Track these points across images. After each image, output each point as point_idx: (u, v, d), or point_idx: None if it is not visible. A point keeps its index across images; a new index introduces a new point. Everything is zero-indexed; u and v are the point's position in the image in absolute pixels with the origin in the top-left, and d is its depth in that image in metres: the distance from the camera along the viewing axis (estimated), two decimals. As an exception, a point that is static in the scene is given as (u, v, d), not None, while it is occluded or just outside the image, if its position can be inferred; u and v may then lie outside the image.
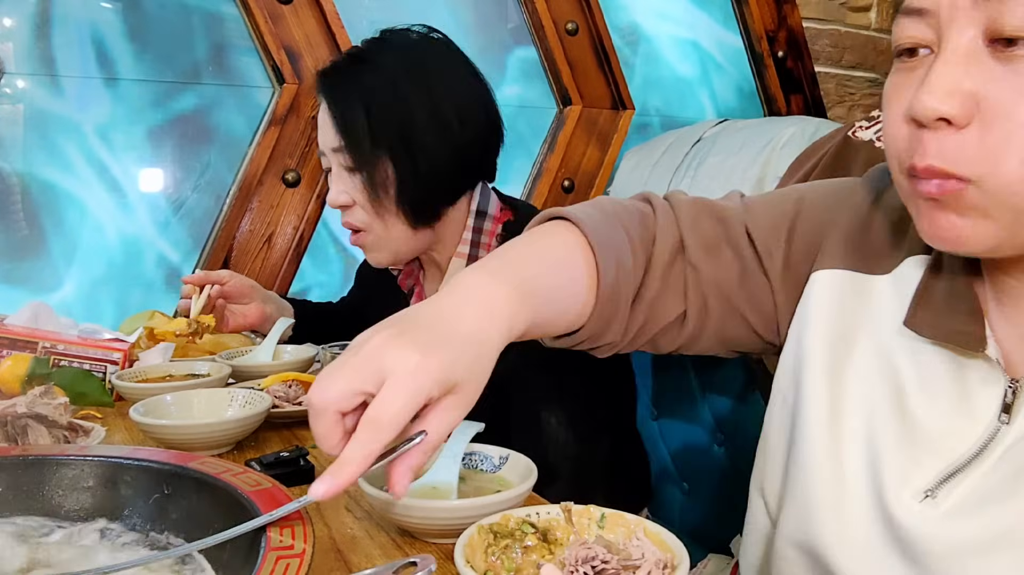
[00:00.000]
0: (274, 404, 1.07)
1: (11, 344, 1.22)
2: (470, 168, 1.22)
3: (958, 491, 0.60)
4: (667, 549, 0.60)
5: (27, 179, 1.74)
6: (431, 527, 0.71)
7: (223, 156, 1.92)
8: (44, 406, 0.92)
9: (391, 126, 1.15)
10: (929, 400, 0.63)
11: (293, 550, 0.53)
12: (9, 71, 1.69)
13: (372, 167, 1.17)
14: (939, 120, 0.53)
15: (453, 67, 1.20)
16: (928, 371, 0.64)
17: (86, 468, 0.69)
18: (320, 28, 1.91)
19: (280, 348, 1.39)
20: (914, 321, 0.64)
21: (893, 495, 0.62)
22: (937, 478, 0.61)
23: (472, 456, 0.82)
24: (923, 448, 0.62)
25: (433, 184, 1.18)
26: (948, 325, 0.62)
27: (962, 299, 0.63)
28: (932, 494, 0.61)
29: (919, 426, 0.63)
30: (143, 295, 1.87)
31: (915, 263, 0.68)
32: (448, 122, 1.16)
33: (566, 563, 0.58)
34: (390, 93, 1.16)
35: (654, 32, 2.45)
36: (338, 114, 1.19)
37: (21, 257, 1.76)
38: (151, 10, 1.83)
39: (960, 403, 0.62)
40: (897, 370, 0.66)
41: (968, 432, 0.61)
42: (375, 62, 1.19)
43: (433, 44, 1.22)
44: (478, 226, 1.23)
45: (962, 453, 0.61)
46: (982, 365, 0.61)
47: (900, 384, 0.65)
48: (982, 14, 0.52)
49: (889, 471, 0.63)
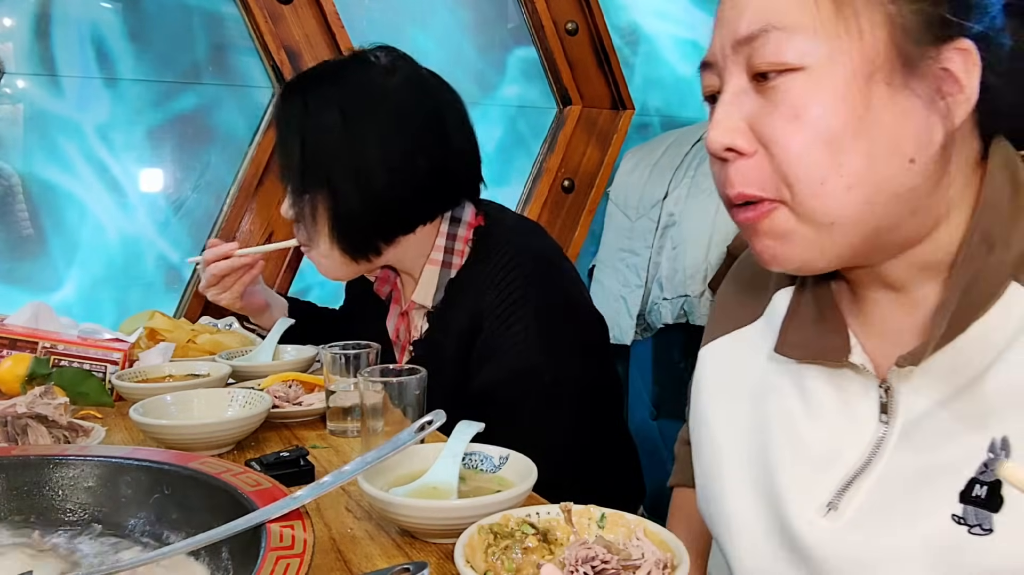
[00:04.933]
0: (274, 404, 1.07)
1: (11, 344, 1.22)
2: (421, 202, 1.18)
3: (858, 499, 0.63)
4: (667, 549, 0.60)
5: (27, 179, 1.75)
6: (431, 527, 0.71)
7: (223, 156, 1.92)
8: (44, 406, 0.92)
9: (321, 166, 1.15)
10: (817, 418, 0.67)
11: (293, 550, 0.53)
12: (9, 71, 1.69)
13: (306, 196, 1.17)
14: (728, 151, 0.61)
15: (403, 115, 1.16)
16: (809, 388, 0.68)
17: (86, 468, 0.69)
18: (320, 28, 1.91)
19: (280, 348, 1.39)
20: (783, 347, 0.69)
21: (795, 514, 0.65)
22: (836, 489, 0.64)
23: (472, 456, 0.82)
24: (819, 464, 0.65)
25: (363, 228, 1.17)
26: (813, 344, 0.67)
27: (827, 316, 0.68)
28: (834, 506, 0.64)
29: (812, 444, 0.66)
30: (143, 295, 1.87)
31: (783, 295, 0.73)
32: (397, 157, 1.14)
33: (566, 563, 0.58)
34: (323, 135, 1.14)
35: (654, 32, 2.45)
36: (280, 134, 1.21)
37: (21, 257, 1.76)
38: (151, 10, 1.83)
39: (844, 414, 0.66)
40: (782, 398, 0.70)
41: (856, 439, 0.64)
42: (321, 96, 1.16)
43: (388, 80, 1.17)
44: (452, 233, 1.21)
45: (855, 461, 0.64)
46: (854, 374, 0.65)
47: (787, 410, 0.69)
48: (741, 57, 0.60)
49: (788, 492, 0.66)
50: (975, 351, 0.58)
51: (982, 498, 0.57)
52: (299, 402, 1.13)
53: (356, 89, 1.16)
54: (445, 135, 1.18)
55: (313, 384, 1.18)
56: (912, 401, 0.61)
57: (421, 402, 0.93)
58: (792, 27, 0.57)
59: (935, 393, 0.60)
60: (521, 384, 1.11)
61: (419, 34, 2.18)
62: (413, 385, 0.92)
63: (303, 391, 1.16)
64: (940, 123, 0.57)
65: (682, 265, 1.73)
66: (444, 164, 1.18)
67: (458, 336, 1.15)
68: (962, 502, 0.57)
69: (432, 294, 1.20)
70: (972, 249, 0.59)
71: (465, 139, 1.22)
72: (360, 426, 0.97)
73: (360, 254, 1.19)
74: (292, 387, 1.15)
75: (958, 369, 0.59)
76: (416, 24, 2.17)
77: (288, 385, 1.16)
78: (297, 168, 1.16)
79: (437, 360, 1.15)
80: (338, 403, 1.05)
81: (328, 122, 1.14)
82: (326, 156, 1.14)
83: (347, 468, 0.66)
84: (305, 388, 1.17)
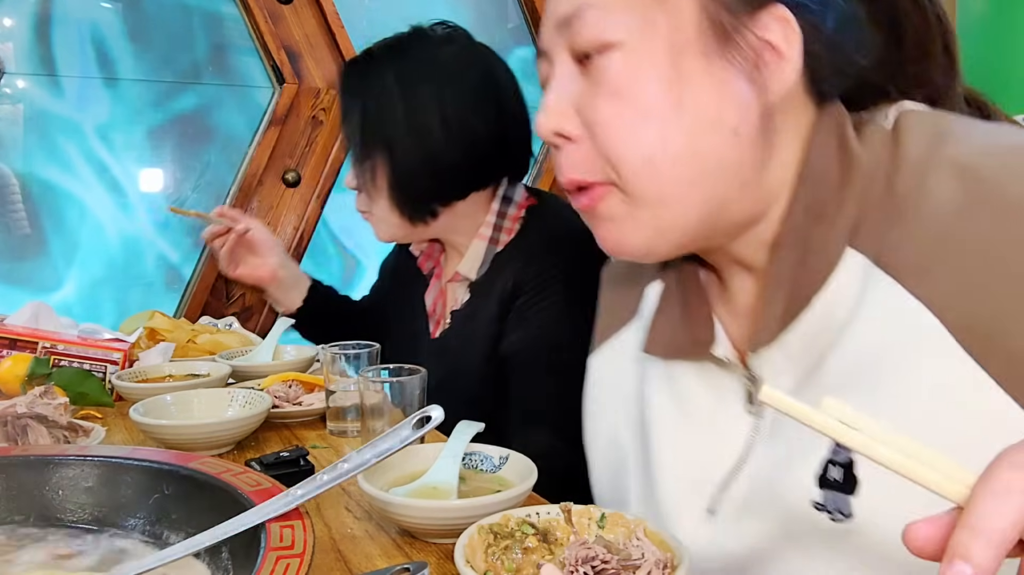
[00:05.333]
0: (274, 404, 1.07)
1: (11, 344, 1.22)
2: (475, 169, 1.23)
3: (735, 499, 0.61)
4: (667, 549, 0.60)
5: (27, 179, 1.75)
6: (431, 527, 0.71)
7: (223, 156, 1.92)
8: (44, 406, 0.92)
9: (380, 129, 1.21)
10: (691, 418, 0.65)
11: (293, 550, 0.53)
12: (9, 71, 1.69)
13: (367, 162, 1.23)
14: (558, 137, 0.60)
15: (459, 81, 1.21)
16: (683, 390, 0.66)
17: (86, 468, 0.69)
18: (320, 28, 1.91)
19: (280, 348, 1.39)
20: (650, 345, 0.68)
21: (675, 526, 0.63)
22: (714, 492, 0.62)
23: (472, 456, 0.82)
24: (697, 468, 0.64)
25: (428, 185, 1.22)
26: (678, 338, 0.65)
27: (692, 305, 0.66)
28: (712, 511, 0.62)
29: (689, 448, 0.65)
30: (143, 295, 1.87)
31: (654, 288, 0.71)
32: (454, 124, 1.19)
33: (566, 563, 0.58)
34: (380, 97, 1.21)
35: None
36: (344, 105, 1.27)
37: (21, 257, 1.76)
38: (151, 10, 1.83)
39: (717, 409, 0.64)
40: (657, 402, 0.68)
41: (730, 436, 0.62)
42: (380, 64, 1.23)
43: (452, 47, 1.24)
44: (502, 211, 1.26)
45: (731, 458, 0.62)
46: (720, 367, 0.63)
47: (663, 414, 0.67)
48: (565, 40, 0.59)
49: (668, 505, 0.64)
50: (822, 325, 0.56)
51: (839, 481, 0.54)
52: (299, 402, 1.13)
53: (413, 56, 1.23)
54: (499, 101, 1.23)
55: (313, 384, 1.18)
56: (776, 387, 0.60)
57: (421, 402, 0.93)
58: (606, 4, 0.57)
59: (794, 373, 0.59)
60: (540, 354, 1.15)
61: (419, 34, 2.18)
62: (413, 385, 0.92)
63: (303, 391, 1.16)
64: (761, 94, 0.56)
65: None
66: (498, 129, 1.23)
67: (499, 300, 1.20)
68: (820, 487, 0.55)
69: (477, 267, 1.25)
70: (797, 222, 0.58)
71: (518, 107, 1.27)
72: (360, 426, 0.97)
73: (417, 216, 1.23)
74: (292, 387, 1.15)
75: (809, 346, 0.57)
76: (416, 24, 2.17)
77: (288, 385, 1.16)
78: (359, 134, 1.22)
79: (472, 327, 1.22)
80: (338, 403, 1.05)
81: (386, 85, 1.20)
82: (385, 118, 1.20)
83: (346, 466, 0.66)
84: (305, 388, 1.17)
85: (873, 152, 0.58)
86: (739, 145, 0.57)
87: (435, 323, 1.33)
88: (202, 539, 0.58)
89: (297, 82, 1.89)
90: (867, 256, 0.55)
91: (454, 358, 1.25)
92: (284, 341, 1.41)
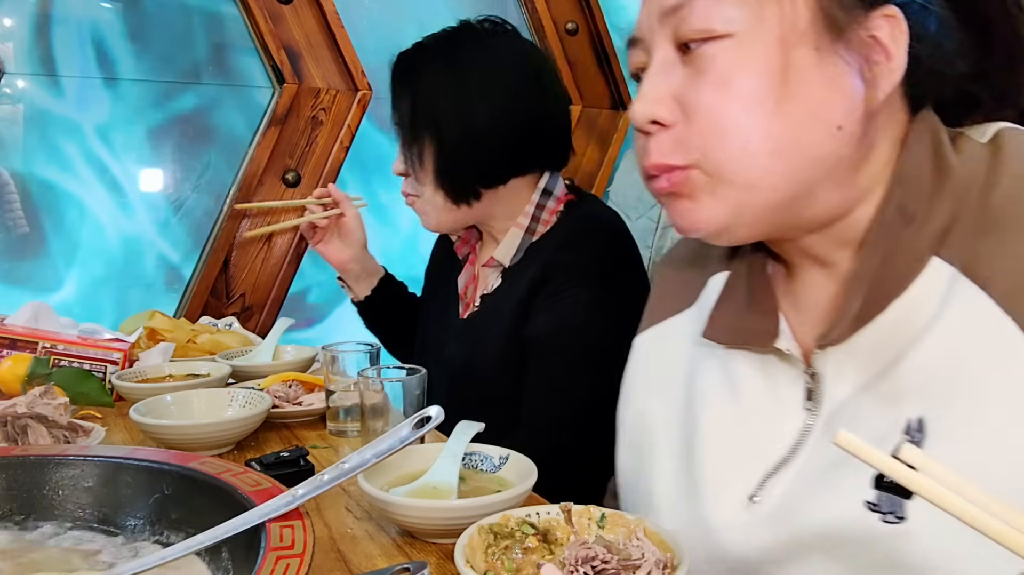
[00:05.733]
0: (274, 404, 1.07)
1: (11, 344, 1.22)
2: (516, 153, 1.28)
3: (777, 491, 0.61)
4: (667, 549, 0.60)
5: (27, 179, 1.74)
6: (431, 527, 0.71)
7: (223, 156, 1.92)
8: (44, 406, 0.92)
9: (428, 112, 1.26)
10: (743, 406, 0.66)
11: (293, 550, 0.53)
12: (9, 71, 1.69)
13: (415, 145, 1.28)
14: (652, 124, 0.61)
15: (516, 60, 1.28)
16: (737, 375, 0.67)
17: (86, 468, 0.69)
18: (320, 28, 1.91)
19: (280, 348, 1.39)
20: (711, 332, 0.68)
21: (713, 509, 0.64)
22: (758, 481, 0.63)
23: (472, 456, 0.82)
24: (743, 456, 0.64)
25: (472, 166, 1.26)
26: (741, 328, 0.66)
27: (758, 298, 0.67)
28: (753, 499, 0.62)
29: (737, 435, 0.65)
30: (143, 295, 1.87)
31: (718, 279, 0.72)
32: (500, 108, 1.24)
33: (566, 563, 0.58)
34: (427, 81, 1.26)
35: (654, 32, 2.45)
36: (394, 92, 1.31)
37: (21, 257, 1.76)
38: (151, 10, 1.83)
39: (772, 401, 0.64)
40: (709, 386, 0.68)
41: (781, 429, 0.63)
42: (431, 54, 1.29)
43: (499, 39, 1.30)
44: (541, 203, 1.30)
45: (779, 451, 0.62)
46: (781, 360, 0.64)
47: (714, 399, 0.68)
48: (668, 29, 0.60)
49: (709, 487, 0.65)
50: (897, 330, 0.56)
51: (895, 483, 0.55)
52: (299, 402, 1.13)
53: (462, 44, 1.29)
54: (542, 91, 1.29)
55: (313, 384, 1.18)
56: (837, 386, 0.60)
57: (421, 402, 0.93)
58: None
59: (858, 376, 0.59)
60: (562, 338, 1.18)
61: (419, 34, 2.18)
62: (413, 385, 0.92)
63: (303, 391, 1.16)
64: (867, 92, 0.57)
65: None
66: (540, 114, 1.28)
67: (528, 285, 1.23)
68: (876, 488, 0.55)
69: (512, 254, 1.29)
70: (886, 223, 0.58)
71: (561, 97, 1.34)
72: (360, 426, 0.97)
73: (460, 197, 1.28)
74: (292, 387, 1.15)
75: (881, 349, 0.57)
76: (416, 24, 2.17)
77: (288, 385, 1.16)
78: (408, 119, 1.27)
79: (500, 309, 1.25)
80: (338, 403, 1.05)
81: (436, 70, 1.26)
82: (434, 101, 1.25)
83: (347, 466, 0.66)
84: (305, 388, 1.17)
85: (968, 163, 0.58)
86: (839, 141, 0.57)
87: (464, 305, 1.37)
88: (202, 539, 0.58)
89: (297, 82, 1.89)
90: (954, 265, 0.56)
91: (479, 338, 1.28)
92: (284, 341, 1.42)
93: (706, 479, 0.66)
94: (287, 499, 0.59)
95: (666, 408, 0.72)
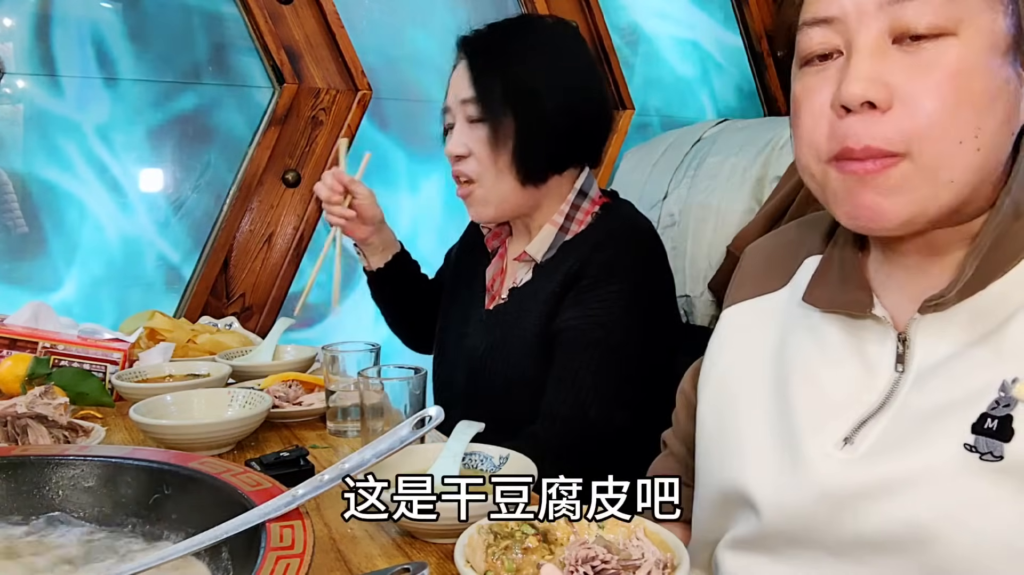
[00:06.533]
0: (274, 404, 1.07)
1: (11, 344, 1.22)
2: (582, 143, 1.31)
3: (872, 435, 0.66)
4: (667, 549, 0.60)
5: (27, 179, 1.74)
6: (431, 527, 0.71)
7: (223, 156, 1.92)
8: (44, 406, 0.92)
9: (522, 86, 1.26)
10: (833, 363, 0.72)
11: (293, 550, 0.53)
12: (9, 71, 1.69)
13: (496, 120, 1.26)
14: (864, 105, 0.62)
15: (580, 52, 1.33)
16: (828, 339, 0.73)
17: (86, 468, 0.69)
18: (320, 28, 1.91)
19: (280, 348, 1.39)
20: (811, 297, 0.74)
21: (810, 447, 0.69)
22: (852, 426, 0.68)
23: (472, 456, 0.82)
24: (837, 404, 0.70)
25: (548, 146, 1.28)
26: (838, 296, 0.72)
27: (851, 276, 0.73)
28: (850, 440, 0.67)
29: (829, 388, 0.71)
30: (143, 295, 1.87)
31: (812, 262, 0.79)
32: (571, 95, 1.27)
33: (566, 563, 0.58)
34: (526, 60, 1.27)
35: (654, 32, 2.45)
36: (476, 67, 1.29)
37: (21, 257, 1.76)
38: (151, 10, 1.83)
39: (860, 361, 0.70)
40: (800, 346, 0.75)
41: (872, 385, 0.68)
42: (516, 34, 1.31)
43: (567, 31, 1.34)
44: (577, 203, 1.32)
45: (871, 403, 0.68)
46: (873, 325, 0.70)
47: (805, 357, 0.74)
48: (887, 16, 0.63)
49: (805, 430, 0.70)
50: (994, 306, 0.62)
51: (993, 429, 0.60)
52: (299, 402, 1.13)
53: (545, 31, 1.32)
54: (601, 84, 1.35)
55: (313, 384, 1.18)
56: (927, 351, 0.66)
57: (421, 402, 0.93)
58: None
59: (948, 346, 0.65)
60: (590, 334, 1.19)
61: (419, 34, 2.18)
62: (413, 385, 0.92)
63: (303, 391, 1.16)
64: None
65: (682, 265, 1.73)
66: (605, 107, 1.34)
67: (562, 280, 1.24)
68: (974, 433, 0.60)
69: (544, 250, 1.30)
70: (1001, 214, 0.64)
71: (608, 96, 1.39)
72: (360, 426, 0.97)
73: (531, 180, 1.28)
74: (292, 387, 1.16)
75: (975, 322, 0.63)
76: (416, 24, 2.17)
77: (288, 385, 1.16)
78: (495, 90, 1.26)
79: (530, 303, 1.26)
80: (338, 403, 1.05)
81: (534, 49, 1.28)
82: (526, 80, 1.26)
83: (347, 466, 0.66)
84: (305, 388, 1.17)
85: None
86: (1008, 147, 0.64)
87: (491, 297, 1.38)
88: (202, 539, 0.58)
89: (297, 82, 1.88)
90: None
91: (505, 331, 1.29)
92: (284, 341, 1.42)
93: (801, 424, 0.70)
94: (287, 499, 0.59)
95: (755, 375, 0.78)
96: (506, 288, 1.35)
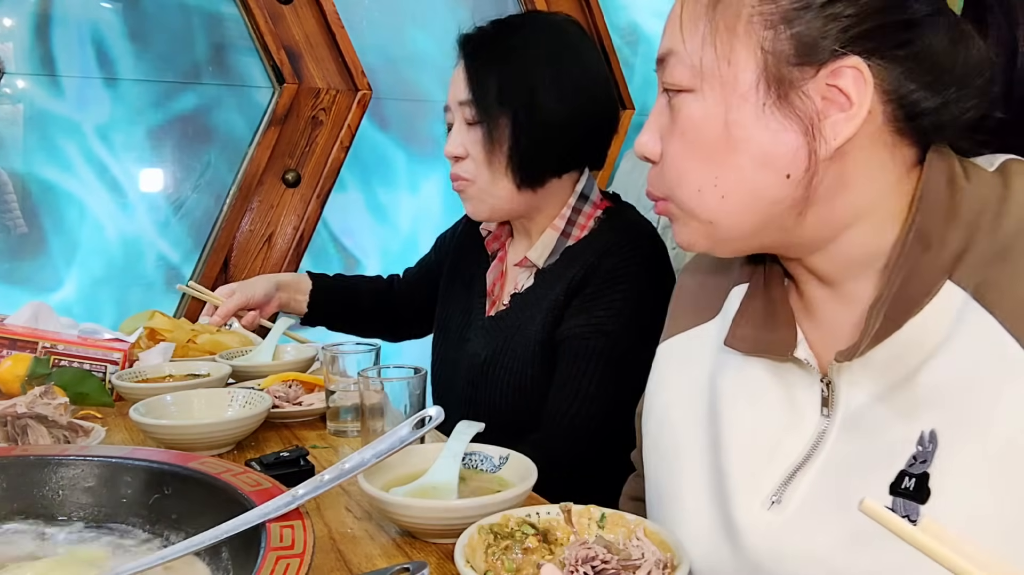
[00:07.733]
0: (274, 404, 1.07)
1: (11, 344, 1.22)
2: (584, 146, 1.29)
3: (799, 492, 0.65)
4: (667, 549, 0.60)
5: (27, 179, 1.75)
6: (431, 527, 0.71)
7: (223, 156, 1.92)
8: (44, 406, 0.92)
9: (519, 87, 1.23)
10: (762, 406, 0.70)
11: (293, 550, 0.53)
12: (9, 71, 1.69)
13: (492, 122, 1.25)
14: (645, 159, 0.70)
15: (583, 52, 1.30)
16: (755, 382, 0.71)
17: (86, 468, 0.69)
18: (320, 28, 1.91)
19: (280, 348, 1.39)
20: (732, 340, 0.72)
21: (739, 506, 0.67)
22: (781, 480, 0.66)
23: (472, 456, 0.82)
24: (767, 451, 0.68)
25: (544, 149, 1.25)
26: (761, 337, 0.70)
27: (777, 311, 0.71)
28: (777, 499, 0.66)
29: (759, 432, 0.69)
30: (143, 295, 1.87)
31: (737, 292, 0.76)
32: (572, 96, 1.24)
33: (566, 563, 0.58)
34: (523, 60, 1.25)
35: (654, 32, 2.45)
36: (473, 68, 1.27)
37: (21, 257, 1.76)
38: (151, 10, 1.83)
39: (788, 407, 0.68)
40: (728, 388, 0.72)
41: (799, 432, 0.67)
42: (516, 33, 1.28)
43: (569, 28, 1.31)
44: (578, 207, 1.30)
45: (799, 451, 0.66)
46: (798, 369, 0.68)
47: (734, 401, 0.71)
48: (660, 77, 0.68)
49: (736, 484, 0.68)
50: (911, 346, 0.60)
51: (910, 490, 0.59)
52: (299, 402, 1.13)
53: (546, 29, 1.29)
54: (608, 86, 1.33)
55: (313, 384, 1.18)
56: (851, 395, 0.64)
57: (421, 402, 0.93)
58: (683, 53, 0.64)
59: (872, 387, 0.63)
60: (594, 343, 1.18)
61: (419, 34, 2.18)
62: (413, 385, 0.92)
63: (303, 391, 1.16)
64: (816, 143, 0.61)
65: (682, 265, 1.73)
66: (611, 109, 1.32)
67: (566, 288, 1.23)
68: (892, 494, 0.59)
69: (546, 256, 1.29)
70: (908, 248, 0.62)
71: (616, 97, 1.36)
72: (360, 426, 0.97)
73: (527, 182, 1.26)
74: (292, 387, 1.15)
75: (894, 364, 0.61)
76: (416, 24, 2.17)
77: (288, 385, 1.16)
78: (491, 92, 1.24)
79: (532, 312, 1.25)
80: (338, 403, 1.05)
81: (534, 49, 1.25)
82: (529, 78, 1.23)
83: (347, 466, 0.66)
84: (305, 388, 1.17)
85: (980, 191, 0.62)
86: (792, 185, 0.62)
87: (491, 302, 1.36)
88: (202, 539, 0.58)
89: (297, 82, 1.89)
90: (966, 290, 0.59)
91: (506, 338, 1.27)
92: (284, 341, 1.42)
93: (733, 475, 0.69)
94: (287, 499, 0.59)
95: (690, 414, 0.75)
96: (507, 294, 1.33)
